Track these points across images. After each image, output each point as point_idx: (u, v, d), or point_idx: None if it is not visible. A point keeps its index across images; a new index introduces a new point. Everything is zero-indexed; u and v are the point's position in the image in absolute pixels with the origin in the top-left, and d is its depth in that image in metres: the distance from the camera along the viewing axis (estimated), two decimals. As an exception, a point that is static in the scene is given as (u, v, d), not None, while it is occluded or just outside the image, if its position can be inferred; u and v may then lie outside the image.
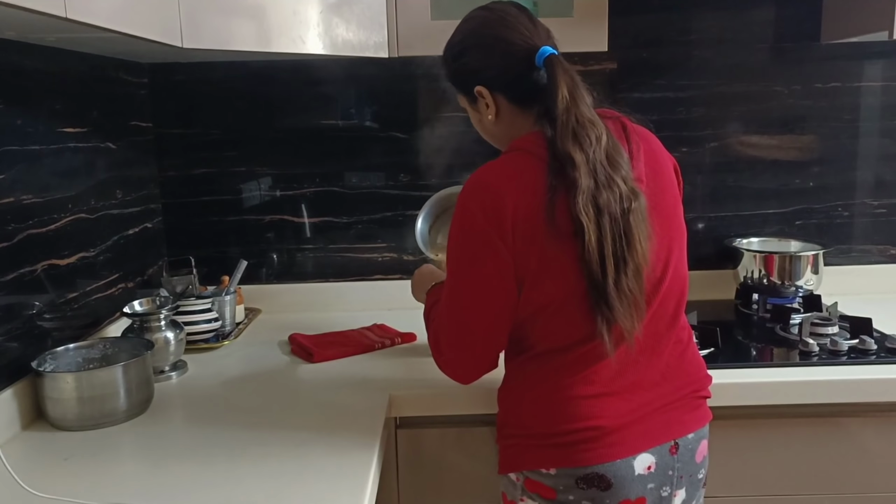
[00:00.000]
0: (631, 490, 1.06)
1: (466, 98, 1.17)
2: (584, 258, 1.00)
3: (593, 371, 1.07)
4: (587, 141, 1.02)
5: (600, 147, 1.02)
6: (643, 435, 1.08)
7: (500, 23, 1.10)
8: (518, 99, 1.12)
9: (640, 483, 1.07)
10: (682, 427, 1.12)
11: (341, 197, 1.93)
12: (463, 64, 1.14)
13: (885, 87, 1.89)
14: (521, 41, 1.08)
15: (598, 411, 1.07)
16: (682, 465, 1.11)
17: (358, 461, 1.09)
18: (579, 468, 1.06)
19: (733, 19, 1.85)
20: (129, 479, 1.07)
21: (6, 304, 1.24)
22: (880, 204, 1.94)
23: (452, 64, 1.17)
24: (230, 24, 1.40)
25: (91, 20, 0.98)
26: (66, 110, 1.46)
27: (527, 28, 1.10)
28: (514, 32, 1.09)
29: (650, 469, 1.08)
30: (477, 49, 1.12)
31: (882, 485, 1.42)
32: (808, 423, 1.39)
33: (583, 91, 1.06)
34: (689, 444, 1.12)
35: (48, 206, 1.37)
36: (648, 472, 1.08)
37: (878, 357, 1.44)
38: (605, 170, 1.01)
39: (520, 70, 1.09)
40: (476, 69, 1.12)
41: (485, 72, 1.11)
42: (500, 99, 1.12)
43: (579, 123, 1.03)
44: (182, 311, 1.61)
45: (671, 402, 1.12)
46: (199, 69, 1.85)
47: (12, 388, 1.23)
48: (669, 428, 1.11)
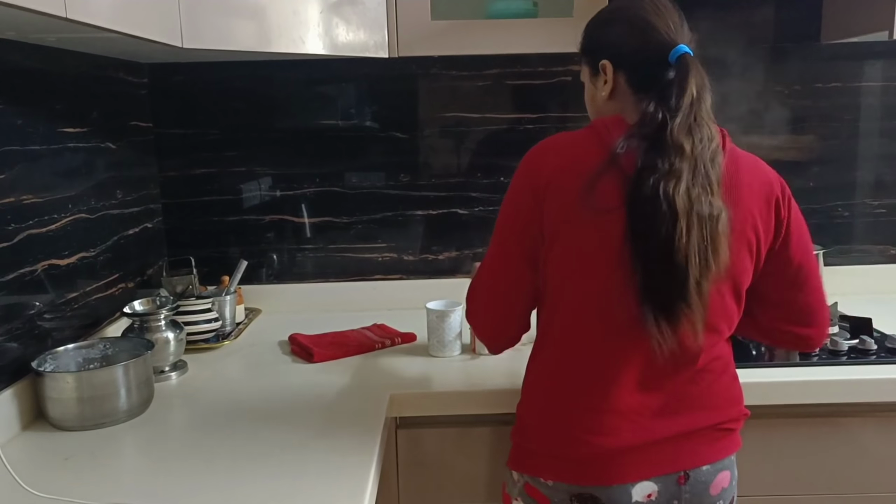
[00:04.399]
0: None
1: (590, 70, 1.15)
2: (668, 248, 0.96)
3: (608, 380, 1.05)
4: (699, 137, 1.00)
5: (709, 147, 1.01)
6: (648, 462, 1.06)
7: (654, 9, 1.09)
8: (637, 83, 1.09)
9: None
10: (695, 457, 1.09)
11: (341, 197, 1.93)
12: (602, 35, 1.13)
13: (886, 87, 1.89)
14: (665, 32, 1.07)
15: (605, 428, 1.05)
16: (692, 496, 1.08)
17: (358, 461, 1.09)
18: (575, 486, 1.05)
19: (733, 19, 1.85)
20: (129, 479, 1.07)
21: (6, 304, 1.24)
22: (880, 204, 1.94)
23: (593, 32, 1.16)
24: (230, 24, 1.40)
25: (91, 20, 0.98)
26: (66, 110, 1.46)
27: (674, 23, 1.09)
28: (662, 22, 1.08)
29: (650, 497, 1.06)
30: (621, 24, 1.10)
31: (882, 485, 1.42)
32: (808, 423, 1.39)
33: (708, 95, 1.05)
34: (702, 475, 1.09)
35: (48, 206, 1.37)
36: (648, 500, 1.06)
37: (878, 357, 1.44)
38: (706, 170, 1.00)
39: (652, 58, 1.07)
40: (611, 43, 1.11)
41: (618, 48, 1.10)
42: (619, 78, 1.10)
43: (696, 121, 1.01)
44: (182, 311, 1.61)
45: (687, 432, 1.08)
46: (199, 69, 1.85)
47: (12, 388, 1.23)
48: (679, 457, 1.08)
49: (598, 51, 1.12)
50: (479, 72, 1.88)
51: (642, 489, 1.06)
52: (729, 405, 1.13)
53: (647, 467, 1.06)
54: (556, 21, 1.60)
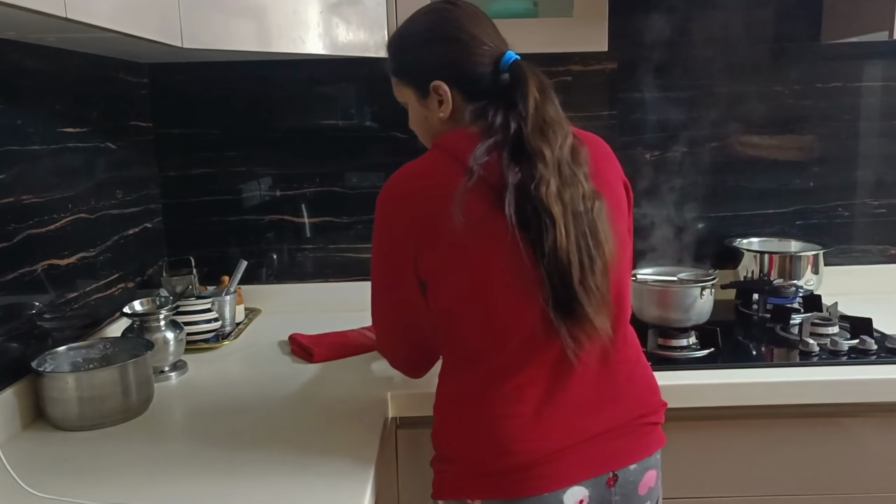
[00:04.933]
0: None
1: (416, 92, 1.12)
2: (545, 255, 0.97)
3: (523, 385, 1.01)
4: (554, 138, 1.01)
5: (566, 146, 1.02)
6: (577, 466, 1.02)
7: (471, 21, 1.08)
8: (475, 97, 1.08)
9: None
10: (624, 457, 1.06)
11: (341, 197, 1.93)
12: (426, 55, 1.10)
13: (886, 86, 1.89)
14: (490, 41, 1.07)
15: (526, 434, 1.00)
16: (622, 497, 1.05)
17: (358, 461, 1.09)
18: (504, 501, 1.00)
19: (733, 19, 1.85)
20: (129, 479, 1.07)
21: (6, 304, 1.24)
22: (880, 204, 1.94)
23: (413, 53, 1.12)
24: (230, 24, 1.40)
25: (91, 20, 0.98)
26: (66, 110, 1.46)
27: (493, 29, 1.09)
28: (484, 32, 1.08)
29: (582, 503, 1.02)
30: (444, 41, 1.08)
31: (882, 485, 1.42)
32: (808, 423, 1.39)
33: (552, 93, 1.05)
34: (630, 475, 1.06)
35: (48, 206, 1.37)
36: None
37: (878, 357, 1.44)
38: (570, 168, 1.01)
39: (485, 70, 1.07)
40: (440, 62, 1.08)
41: (450, 66, 1.08)
42: (455, 96, 1.09)
43: (546, 122, 1.01)
44: (182, 311, 1.61)
45: (612, 428, 1.05)
46: (199, 69, 1.85)
47: (12, 388, 1.23)
48: (609, 458, 1.04)
49: (425, 72, 1.09)
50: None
51: (574, 495, 1.01)
52: (648, 394, 1.12)
53: (578, 470, 1.02)
54: (556, 21, 1.60)
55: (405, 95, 1.15)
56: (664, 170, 1.88)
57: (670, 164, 1.88)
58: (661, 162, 1.89)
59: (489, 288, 1.00)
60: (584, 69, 1.87)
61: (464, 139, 1.04)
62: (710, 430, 1.39)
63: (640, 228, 1.88)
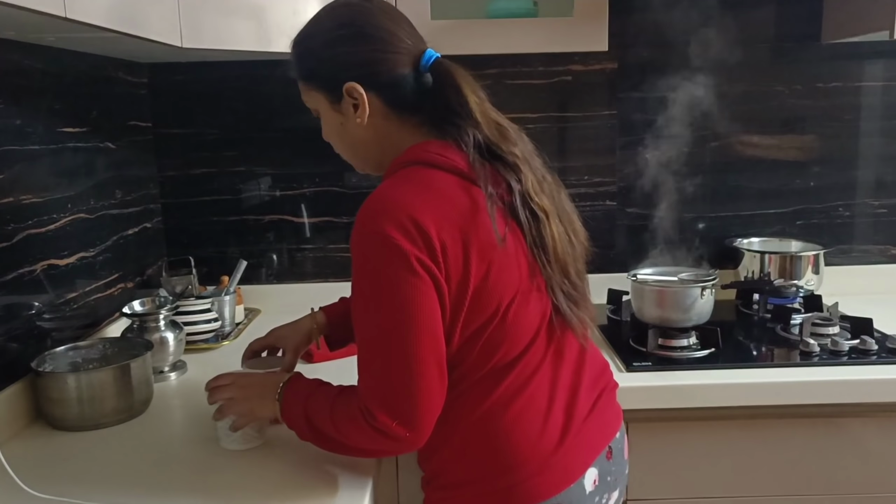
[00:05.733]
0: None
1: (327, 97, 1.01)
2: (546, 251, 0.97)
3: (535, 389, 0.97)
4: (511, 136, 0.99)
5: (522, 140, 1.01)
6: (585, 447, 1.00)
7: (386, 16, 0.99)
8: (397, 100, 0.99)
9: (590, 500, 0.99)
10: (612, 428, 1.06)
11: (341, 197, 1.93)
12: (337, 54, 0.98)
13: (886, 86, 1.89)
14: (408, 38, 0.98)
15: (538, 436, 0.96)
16: (616, 467, 1.05)
17: (358, 461, 1.09)
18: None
19: (733, 19, 1.85)
20: (129, 479, 1.07)
21: (6, 304, 1.24)
22: (881, 204, 1.94)
23: (318, 53, 1.00)
24: (230, 24, 1.40)
25: (91, 20, 0.98)
26: (66, 110, 1.46)
27: (410, 26, 1.01)
28: (401, 29, 0.98)
29: (596, 483, 1.00)
30: (357, 40, 0.97)
31: (882, 485, 1.42)
32: (808, 423, 1.39)
33: (480, 89, 1.01)
34: (618, 444, 1.07)
35: (48, 206, 1.37)
36: (595, 487, 1.00)
37: (878, 357, 1.44)
38: (535, 163, 1.01)
39: (405, 71, 0.98)
40: (354, 62, 0.98)
41: (364, 67, 0.97)
42: (373, 100, 0.99)
43: (498, 123, 0.99)
44: (182, 311, 1.61)
45: (595, 400, 1.04)
46: (198, 69, 1.85)
47: (12, 388, 1.23)
48: (603, 432, 1.04)
49: (336, 74, 0.98)
50: (478, 71, 1.83)
51: (590, 477, 0.99)
52: (601, 359, 1.13)
53: (588, 452, 1.00)
54: (556, 21, 1.60)
55: (315, 101, 1.04)
56: (664, 170, 1.87)
57: (670, 164, 1.88)
58: (661, 162, 1.88)
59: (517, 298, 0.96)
60: (584, 69, 1.87)
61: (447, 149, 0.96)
62: (711, 430, 1.39)
63: (640, 228, 1.89)
